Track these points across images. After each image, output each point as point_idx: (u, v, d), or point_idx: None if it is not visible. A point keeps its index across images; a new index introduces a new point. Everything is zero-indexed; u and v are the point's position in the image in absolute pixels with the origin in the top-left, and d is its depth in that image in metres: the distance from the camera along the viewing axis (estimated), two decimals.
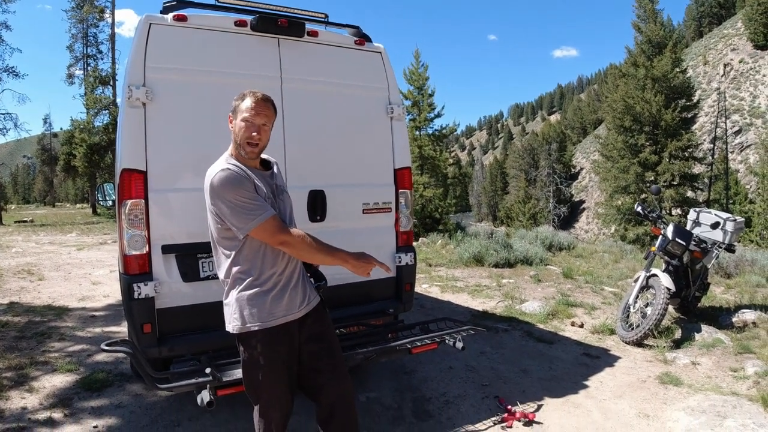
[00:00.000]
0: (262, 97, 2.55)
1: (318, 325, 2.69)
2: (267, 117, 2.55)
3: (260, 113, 2.52)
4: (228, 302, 2.55)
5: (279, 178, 2.76)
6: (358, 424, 2.77)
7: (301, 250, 2.49)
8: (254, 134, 2.50)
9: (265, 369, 2.54)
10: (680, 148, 30.37)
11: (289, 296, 2.56)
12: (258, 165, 2.64)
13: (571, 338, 5.78)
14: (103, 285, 9.20)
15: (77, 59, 39.22)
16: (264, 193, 2.53)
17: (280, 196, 2.66)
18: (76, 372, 4.74)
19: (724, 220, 6.37)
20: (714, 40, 74.10)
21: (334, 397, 2.66)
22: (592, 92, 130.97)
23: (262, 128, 2.53)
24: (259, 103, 2.53)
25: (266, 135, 2.56)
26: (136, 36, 3.47)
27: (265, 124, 2.54)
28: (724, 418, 3.71)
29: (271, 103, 2.59)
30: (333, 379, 2.65)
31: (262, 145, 2.56)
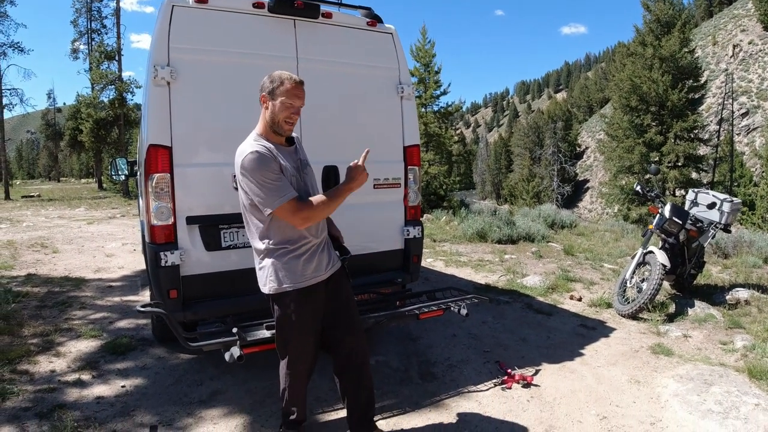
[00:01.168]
0: (299, 81, 2.79)
1: (339, 286, 2.98)
2: (303, 99, 2.82)
3: (299, 96, 2.78)
4: (263, 266, 2.84)
5: (302, 153, 3.03)
6: (371, 374, 3.08)
7: (322, 212, 2.77)
8: (293, 115, 2.78)
9: (296, 325, 2.84)
10: (686, 129, 30.32)
11: (317, 259, 2.86)
12: (283, 141, 2.88)
13: (569, 311, 6.03)
14: (117, 257, 9.46)
15: (81, 34, 39.06)
16: (289, 169, 2.78)
17: (304, 170, 2.94)
18: (99, 338, 4.99)
19: (721, 200, 6.56)
20: (724, 20, 73.26)
21: (350, 349, 2.96)
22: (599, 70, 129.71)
23: (299, 109, 2.81)
24: (298, 86, 2.78)
25: (298, 114, 2.84)
26: (159, 18, 3.64)
27: (302, 105, 2.82)
28: (710, 386, 3.95)
29: (302, 83, 2.84)
30: (349, 333, 2.96)
31: (293, 125, 2.84)
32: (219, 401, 3.72)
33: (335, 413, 3.57)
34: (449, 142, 25.87)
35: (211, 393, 3.84)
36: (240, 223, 3.77)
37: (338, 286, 2.99)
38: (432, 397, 3.81)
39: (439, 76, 25.69)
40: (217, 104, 3.74)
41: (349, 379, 3.02)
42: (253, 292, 3.86)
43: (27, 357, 4.45)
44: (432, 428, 3.42)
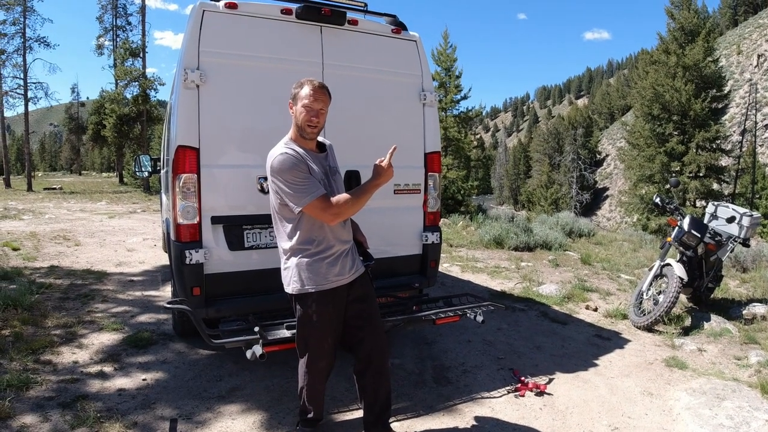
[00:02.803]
0: (319, 85, 2.87)
1: (363, 290, 3.06)
2: (323, 102, 2.88)
3: (318, 99, 2.85)
4: (287, 266, 2.94)
5: (332, 160, 3.11)
6: (390, 374, 3.18)
7: (350, 209, 2.88)
8: (313, 118, 2.85)
9: (316, 325, 2.94)
10: (708, 139, 30.01)
11: (341, 264, 2.95)
12: (314, 147, 2.99)
13: (585, 320, 6.04)
14: (138, 252, 9.62)
15: (106, 30, 39.68)
16: (318, 173, 2.87)
17: (333, 176, 3.03)
18: (121, 331, 5.10)
19: (741, 214, 6.54)
20: (749, 29, 72.23)
21: (370, 350, 3.05)
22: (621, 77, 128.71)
23: (320, 112, 2.87)
24: (317, 90, 2.86)
25: (323, 118, 2.91)
26: (190, 22, 3.74)
27: (322, 108, 2.87)
28: (722, 400, 3.96)
29: (326, 89, 2.92)
30: (371, 334, 3.04)
31: (320, 126, 2.91)
32: (237, 397, 3.80)
33: (350, 413, 3.64)
34: (468, 147, 25.93)
35: (230, 389, 3.93)
36: (262, 224, 3.89)
37: (363, 290, 3.07)
38: (446, 401, 3.86)
39: (459, 80, 25.78)
40: (244, 107, 3.83)
41: (368, 380, 3.09)
42: (273, 292, 3.96)
43: (50, 348, 4.57)
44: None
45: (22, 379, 3.83)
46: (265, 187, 3.84)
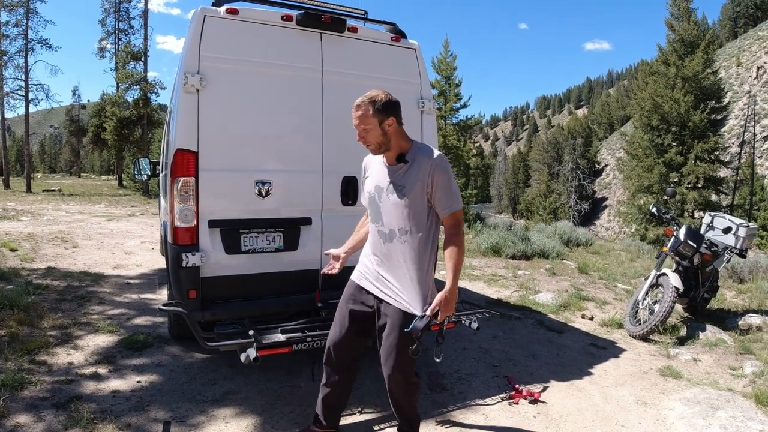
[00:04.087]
0: (354, 105, 2.83)
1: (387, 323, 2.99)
2: (359, 119, 2.81)
3: (354, 117, 2.83)
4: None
5: (402, 176, 2.85)
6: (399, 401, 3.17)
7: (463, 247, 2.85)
8: (359, 135, 2.86)
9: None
10: (707, 150, 30.11)
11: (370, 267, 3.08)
12: (392, 159, 2.89)
13: (580, 329, 6.05)
14: (135, 255, 9.63)
15: (109, 33, 39.75)
16: (369, 183, 3.01)
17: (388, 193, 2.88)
18: (117, 333, 5.10)
19: (737, 225, 6.56)
20: (749, 41, 72.52)
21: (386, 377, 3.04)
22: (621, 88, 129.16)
23: (361, 130, 2.83)
24: (353, 109, 2.84)
25: (370, 135, 2.81)
26: (191, 26, 3.77)
27: (358, 124, 2.82)
28: (716, 410, 3.97)
29: (362, 104, 2.81)
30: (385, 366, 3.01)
31: (373, 143, 2.84)
32: (231, 401, 3.80)
33: (344, 419, 3.63)
34: (467, 155, 26.02)
35: (224, 392, 3.93)
36: (259, 229, 3.91)
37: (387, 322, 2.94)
38: (440, 408, 3.86)
39: (459, 89, 25.88)
40: (243, 112, 3.86)
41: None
42: (269, 296, 3.98)
43: (45, 348, 4.57)
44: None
45: (17, 379, 3.83)
46: (262, 191, 3.86)
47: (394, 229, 2.84)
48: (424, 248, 2.85)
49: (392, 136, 2.82)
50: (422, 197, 2.79)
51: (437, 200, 2.79)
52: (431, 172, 2.75)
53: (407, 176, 2.81)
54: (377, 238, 2.95)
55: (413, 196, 2.78)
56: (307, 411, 3.69)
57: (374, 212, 2.96)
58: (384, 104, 2.78)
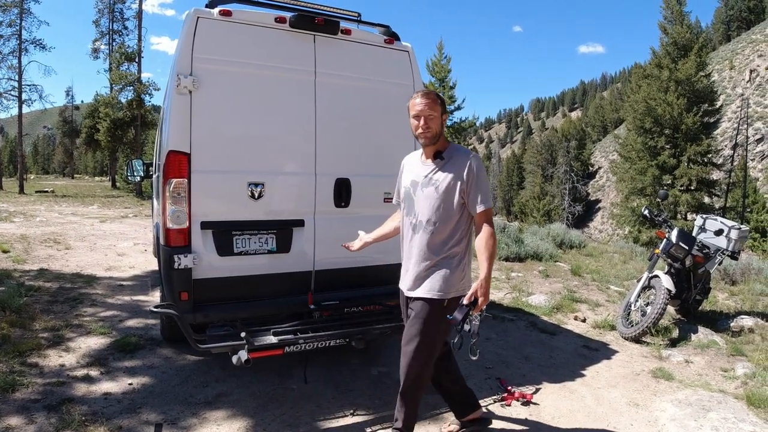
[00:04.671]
0: (419, 93, 3.05)
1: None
2: (420, 107, 2.97)
3: (416, 105, 2.99)
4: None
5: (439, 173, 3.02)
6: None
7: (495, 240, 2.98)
8: (418, 125, 2.99)
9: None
10: (699, 152, 30.25)
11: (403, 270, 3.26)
12: (429, 155, 3.07)
13: (573, 331, 6.08)
14: (128, 256, 9.60)
15: (103, 34, 39.64)
16: (404, 181, 3.19)
17: (423, 187, 3.05)
18: (109, 335, 5.08)
19: (729, 227, 6.60)
20: (742, 44, 72.97)
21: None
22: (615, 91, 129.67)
23: (427, 116, 2.96)
24: (416, 97, 3.03)
25: (433, 122, 2.97)
26: (184, 28, 3.76)
27: (427, 110, 2.96)
28: (708, 411, 3.99)
29: (427, 93, 3.03)
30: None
31: (431, 131, 2.97)
32: (223, 403, 3.80)
33: (336, 421, 3.64)
34: None
35: (216, 395, 3.93)
36: (252, 230, 3.90)
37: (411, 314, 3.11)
38: (432, 410, 3.86)
39: (453, 91, 25.95)
40: (236, 114, 3.85)
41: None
42: (261, 298, 3.98)
43: (37, 350, 4.55)
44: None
45: (9, 381, 3.82)
46: (255, 193, 3.86)
47: (422, 220, 3.01)
48: (450, 238, 3.00)
49: (442, 130, 3.04)
50: (455, 192, 2.96)
51: (470, 197, 2.95)
52: (467, 169, 2.95)
53: (442, 172, 3.00)
54: (407, 230, 3.13)
55: (446, 191, 2.96)
56: (299, 413, 3.69)
57: (408, 206, 3.13)
58: (443, 100, 3.08)
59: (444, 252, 2.99)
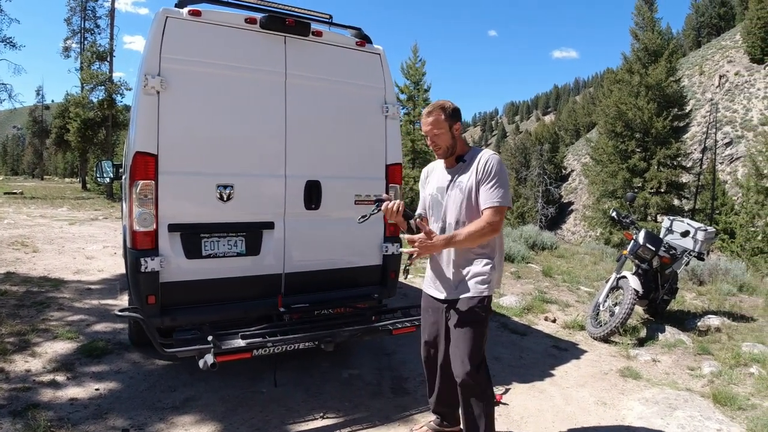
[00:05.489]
0: (425, 112, 3.10)
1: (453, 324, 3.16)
2: (426, 126, 3.08)
3: (424, 124, 3.10)
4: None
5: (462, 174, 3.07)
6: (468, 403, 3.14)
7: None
8: (429, 141, 3.12)
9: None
10: (669, 156, 30.80)
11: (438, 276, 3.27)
12: (452, 162, 3.13)
13: (543, 332, 6.14)
14: (97, 260, 9.43)
15: (74, 33, 38.84)
16: (430, 187, 3.23)
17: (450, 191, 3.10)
18: (76, 340, 4.99)
19: (695, 229, 6.74)
20: (711, 51, 74.58)
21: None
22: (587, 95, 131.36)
23: (433, 135, 3.05)
24: (424, 116, 3.11)
25: (440, 139, 3.04)
26: (152, 27, 3.72)
27: (432, 130, 3.04)
28: (674, 410, 4.06)
29: (433, 110, 3.06)
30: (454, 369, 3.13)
31: (442, 147, 3.06)
32: (192, 408, 3.75)
33: (306, 424, 3.62)
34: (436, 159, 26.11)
35: (185, 399, 3.88)
36: (220, 233, 3.86)
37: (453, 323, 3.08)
38: (402, 411, 3.87)
39: (428, 94, 26.08)
40: (204, 115, 3.81)
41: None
42: (230, 301, 3.94)
43: (3, 355, 4.46)
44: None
45: None
46: (224, 195, 3.83)
47: (451, 222, 3.06)
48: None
49: (458, 140, 3.08)
50: (473, 190, 3.00)
51: (481, 193, 2.96)
52: (477, 163, 3.00)
53: (464, 173, 3.04)
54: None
55: (467, 189, 3.00)
56: (269, 417, 3.67)
57: (436, 211, 3.16)
58: (453, 110, 3.05)
59: (475, 251, 3.02)
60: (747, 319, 7.10)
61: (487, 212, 2.91)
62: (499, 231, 2.97)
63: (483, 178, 2.95)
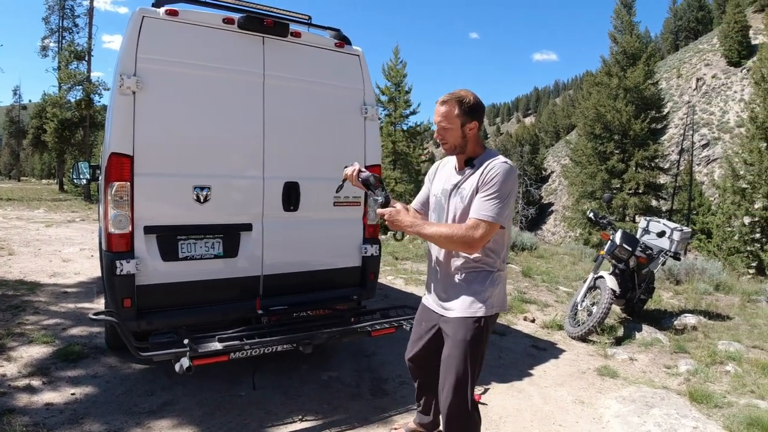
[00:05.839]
0: (441, 100, 2.73)
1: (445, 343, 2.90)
2: (438, 115, 2.72)
3: (436, 113, 2.74)
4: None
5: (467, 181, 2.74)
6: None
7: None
8: (438, 134, 2.76)
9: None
10: (647, 157, 31.24)
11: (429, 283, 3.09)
12: (461, 163, 2.81)
13: (522, 331, 6.17)
14: (74, 262, 9.28)
15: (52, 32, 38.28)
16: (435, 188, 2.97)
17: (451, 195, 2.82)
18: (52, 344, 4.90)
19: (672, 229, 6.83)
20: (689, 54, 75.86)
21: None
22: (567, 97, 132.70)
23: (441, 128, 2.73)
24: (437, 105, 2.73)
25: (449, 134, 2.72)
26: (129, 27, 3.67)
27: (440, 122, 2.72)
28: (651, 408, 4.11)
29: (446, 101, 2.71)
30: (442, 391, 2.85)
31: (450, 142, 2.74)
32: (169, 412, 3.71)
33: (285, 427, 3.61)
34: (417, 160, 26.24)
35: (162, 404, 3.83)
36: (197, 235, 3.83)
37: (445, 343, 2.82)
38: (381, 413, 3.86)
39: (409, 95, 26.18)
40: (181, 116, 3.77)
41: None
42: (208, 304, 3.91)
43: None
44: None
45: None
46: (201, 196, 3.79)
47: None
48: (481, 250, 2.69)
49: (470, 140, 2.74)
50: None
51: (474, 201, 2.64)
52: (481, 171, 2.65)
53: (470, 180, 2.71)
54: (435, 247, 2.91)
55: (469, 199, 2.68)
56: (247, 420, 3.64)
57: (439, 215, 2.89)
58: (471, 106, 2.70)
59: (473, 264, 2.73)
60: (723, 317, 7.21)
61: (470, 223, 2.58)
62: (475, 249, 2.62)
63: (482, 186, 2.61)
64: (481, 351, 2.75)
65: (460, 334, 2.69)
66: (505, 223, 2.63)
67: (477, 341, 2.69)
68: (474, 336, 2.68)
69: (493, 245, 2.73)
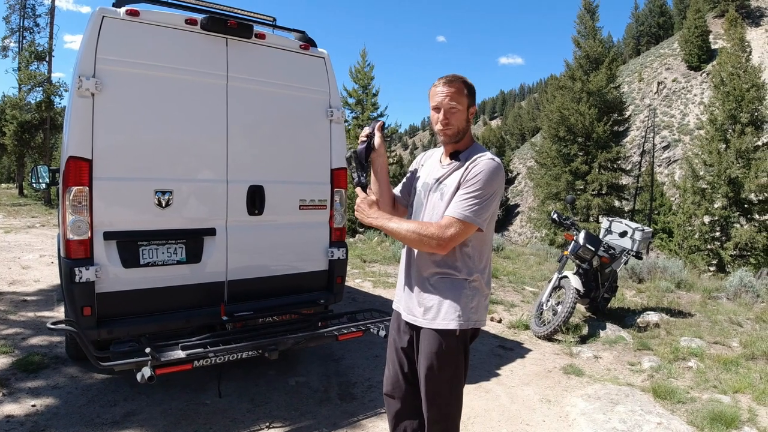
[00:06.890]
0: (440, 79, 2.45)
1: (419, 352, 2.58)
2: (440, 96, 2.41)
3: (435, 94, 2.43)
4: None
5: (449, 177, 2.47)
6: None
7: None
8: (438, 117, 2.45)
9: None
10: (610, 159, 31.80)
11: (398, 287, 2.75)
12: (447, 154, 2.56)
13: (489, 332, 6.22)
14: (33, 270, 9.02)
15: (13, 31, 37.13)
16: (420, 180, 2.63)
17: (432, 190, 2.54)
18: (11, 354, 4.76)
19: (633, 229, 6.97)
20: (650, 58, 77.70)
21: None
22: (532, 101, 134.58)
23: (449, 108, 2.41)
24: (436, 85, 2.44)
25: (455, 117, 2.42)
26: (88, 27, 3.58)
27: (450, 101, 2.41)
28: (615, 405, 4.18)
29: (452, 81, 2.43)
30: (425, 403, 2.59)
31: (453, 127, 2.44)
32: (132, 422, 3.63)
33: None
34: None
35: (125, 414, 3.74)
36: (159, 240, 3.76)
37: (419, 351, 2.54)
38: (350, 417, 3.85)
39: (377, 98, 26.14)
40: (142, 118, 3.69)
41: None
42: (171, 311, 3.83)
43: None
44: None
45: None
46: (162, 201, 3.72)
47: None
48: (454, 253, 2.41)
49: (469, 126, 2.52)
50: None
51: (454, 198, 2.39)
52: (464, 169, 2.40)
53: (453, 176, 2.45)
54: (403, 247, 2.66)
55: (449, 199, 2.41)
56: (213, 429, 3.59)
57: (416, 211, 2.58)
58: (473, 89, 2.49)
59: (447, 269, 2.43)
60: (685, 314, 7.38)
61: (444, 221, 2.33)
62: (445, 250, 2.33)
63: (464, 183, 2.36)
64: (459, 367, 2.48)
65: (434, 348, 2.42)
66: (484, 225, 2.36)
67: (453, 357, 2.43)
68: (450, 351, 2.41)
69: (470, 250, 2.43)
